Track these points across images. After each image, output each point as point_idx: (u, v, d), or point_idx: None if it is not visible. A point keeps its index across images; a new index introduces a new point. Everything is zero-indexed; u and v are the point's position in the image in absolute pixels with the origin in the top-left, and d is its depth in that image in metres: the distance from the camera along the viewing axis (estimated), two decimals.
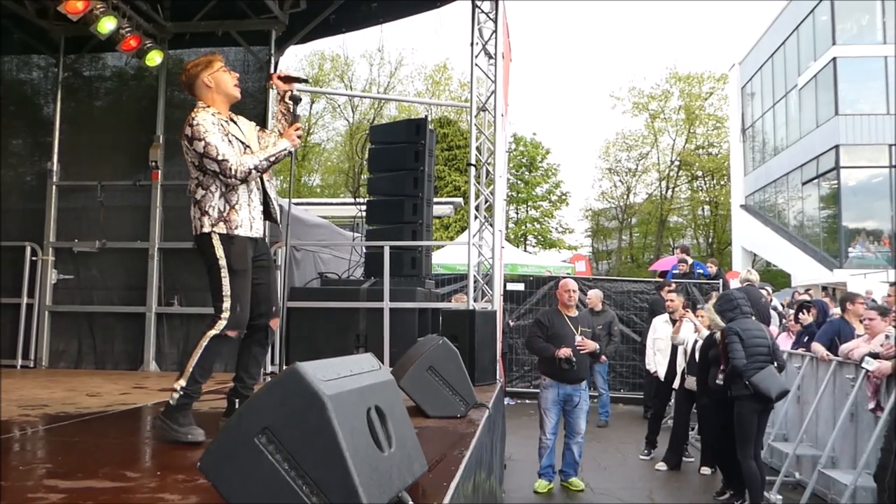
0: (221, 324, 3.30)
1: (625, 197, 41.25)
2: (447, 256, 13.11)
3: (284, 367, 6.37)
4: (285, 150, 3.51)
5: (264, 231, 3.58)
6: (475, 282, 6.65)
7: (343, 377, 2.06)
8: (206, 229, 3.34)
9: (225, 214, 3.36)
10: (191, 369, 3.27)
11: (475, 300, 6.55)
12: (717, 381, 6.12)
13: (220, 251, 3.33)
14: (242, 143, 3.46)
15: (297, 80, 3.74)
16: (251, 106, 7.20)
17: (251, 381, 3.61)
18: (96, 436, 3.08)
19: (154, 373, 6.80)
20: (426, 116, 8.67)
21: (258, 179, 3.49)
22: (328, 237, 9.22)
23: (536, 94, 55.10)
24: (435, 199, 7.92)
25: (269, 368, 6.61)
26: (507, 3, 7.07)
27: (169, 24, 7.20)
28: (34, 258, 7.15)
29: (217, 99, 3.54)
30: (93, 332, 7.08)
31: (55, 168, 7.24)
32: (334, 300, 6.74)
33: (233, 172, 3.29)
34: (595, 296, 9.86)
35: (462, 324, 5.82)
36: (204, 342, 3.31)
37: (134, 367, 6.97)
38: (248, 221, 3.41)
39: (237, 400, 3.53)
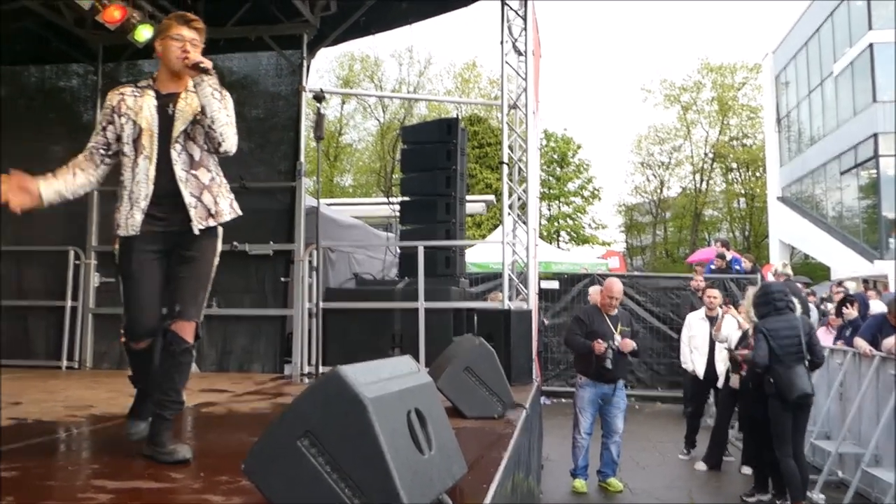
0: (122, 331, 3.11)
1: (658, 191, 40.84)
2: (480, 255, 13.09)
3: (321, 368, 6.46)
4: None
5: (187, 221, 3.04)
6: (510, 281, 6.64)
7: (383, 380, 2.08)
8: None
9: (114, 214, 3.10)
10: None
11: (510, 299, 6.54)
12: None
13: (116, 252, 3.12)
14: (137, 124, 3.07)
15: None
16: (283, 109, 7.31)
17: (162, 397, 3.05)
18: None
19: (194, 374, 6.87)
20: (457, 116, 8.67)
21: (144, 170, 3.02)
22: (362, 238, 9.29)
23: (567, 90, 54.74)
24: (467, 197, 7.93)
25: (306, 369, 6.68)
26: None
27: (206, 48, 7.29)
28: (77, 262, 7.33)
29: (162, 70, 3.22)
30: None
31: None
32: (369, 300, 6.79)
33: None
34: (596, 292, 9.82)
35: (497, 323, 5.82)
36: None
37: None
38: (125, 219, 3.02)
39: (153, 420, 3.09)
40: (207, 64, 3.06)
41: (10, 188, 2.87)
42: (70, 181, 3.08)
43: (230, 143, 3.11)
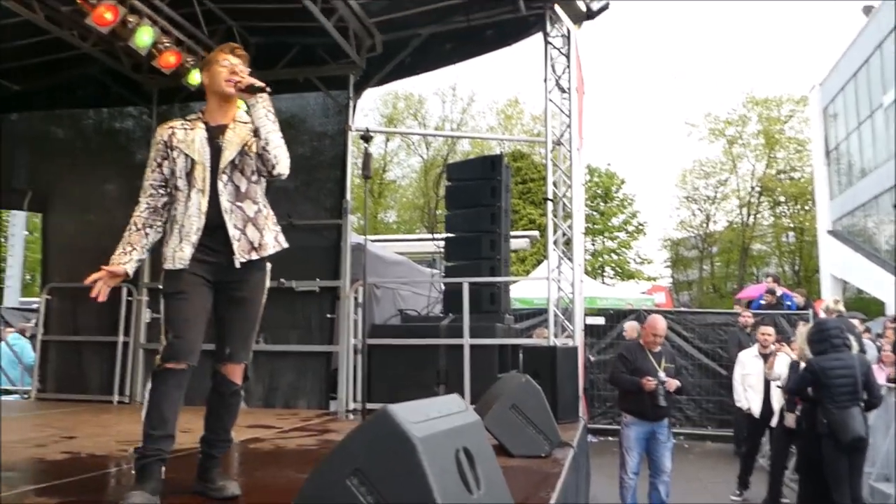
0: (157, 357, 2.99)
1: (704, 225, 40.18)
2: (524, 290, 13.02)
3: (367, 405, 6.46)
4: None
5: (231, 254, 3.04)
6: (555, 317, 6.59)
7: (432, 419, 2.08)
8: None
9: (162, 248, 3.12)
10: (142, 425, 2.90)
11: (555, 335, 6.49)
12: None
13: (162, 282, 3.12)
14: (190, 157, 3.04)
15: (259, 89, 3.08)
16: (330, 147, 7.46)
17: (211, 436, 3.17)
18: (189, 472, 3.17)
19: (241, 409, 6.96)
20: (501, 153, 8.76)
21: (197, 203, 3.01)
22: (407, 274, 9.34)
23: (610, 125, 54.66)
24: (511, 233, 7.93)
25: (351, 405, 6.70)
26: (579, 34, 7.11)
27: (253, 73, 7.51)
28: (129, 298, 7.51)
29: (211, 99, 3.19)
30: None
31: None
32: (414, 337, 6.81)
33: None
34: (631, 327, 9.70)
35: (543, 360, 5.77)
36: (148, 386, 2.97)
37: None
38: (172, 252, 3.04)
39: (202, 457, 3.17)
40: (262, 84, 3.04)
41: (105, 280, 3.04)
42: (144, 244, 3.16)
43: (284, 164, 3.05)
